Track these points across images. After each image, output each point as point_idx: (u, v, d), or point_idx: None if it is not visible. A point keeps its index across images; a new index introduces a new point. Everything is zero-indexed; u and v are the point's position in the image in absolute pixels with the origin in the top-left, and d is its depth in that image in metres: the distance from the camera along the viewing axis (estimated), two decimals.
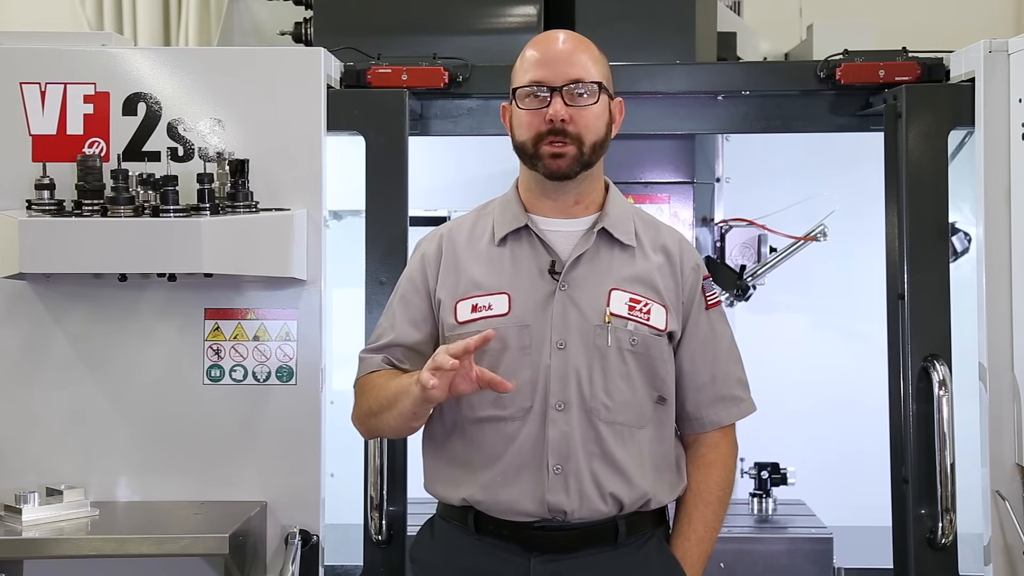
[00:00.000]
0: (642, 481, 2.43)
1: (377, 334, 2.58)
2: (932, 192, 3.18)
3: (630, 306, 2.44)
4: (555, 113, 2.39)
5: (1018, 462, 2.94)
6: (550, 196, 2.49)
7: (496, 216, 2.52)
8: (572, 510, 2.38)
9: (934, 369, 3.07)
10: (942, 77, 3.28)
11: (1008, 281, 3.00)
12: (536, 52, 2.45)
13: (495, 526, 2.42)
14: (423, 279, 2.53)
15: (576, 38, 2.49)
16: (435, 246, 2.54)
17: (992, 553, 2.97)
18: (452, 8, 3.72)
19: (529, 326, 2.41)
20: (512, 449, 2.40)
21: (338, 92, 3.23)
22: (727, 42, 3.99)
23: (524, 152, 2.45)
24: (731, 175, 4.10)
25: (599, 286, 2.44)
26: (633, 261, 2.49)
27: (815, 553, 3.40)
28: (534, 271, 2.45)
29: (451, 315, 2.45)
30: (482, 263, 2.47)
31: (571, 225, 2.49)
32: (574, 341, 2.41)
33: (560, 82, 2.40)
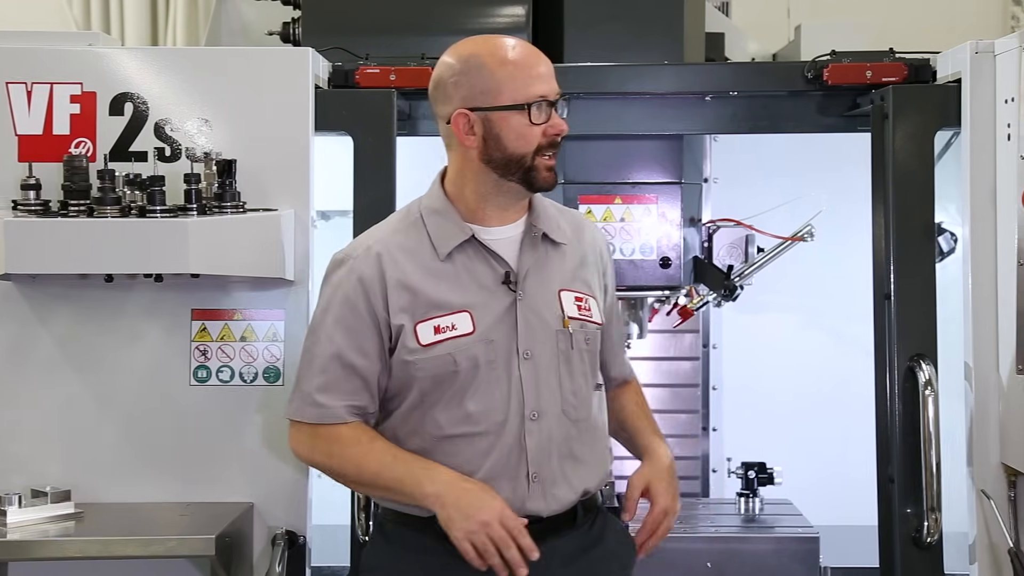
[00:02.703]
0: (598, 468, 2.51)
1: (320, 368, 2.41)
2: (918, 193, 3.19)
3: (578, 305, 2.48)
4: (562, 128, 2.41)
5: (1003, 461, 2.95)
6: (507, 206, 2.47)
7: (432, 230, 2.44)
8: (544, 512, 2.42)
9: (920, 369, 3.08)
10: (929, 78, 3.29)
11: (993, 281, 3.01)
12: (529, 62, 2.41)
13: None
14: (367, 305, 2.40)
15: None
16: (374, 270, 2.40)
17: (977, 552, 2.98)
18: (440, 8, 3.72)
19: (494, 341, 2.40)
20: (488, 462, 2.39)
21: (326, 92, 3.23)
22: (715, 43, 4.00)
23: (520, 164, 2.40)
24: (719, 175, 4.11)
25: (549, 290, 2.46)
26: (565, 258, 2.52)
27: (802, 553, 3.40)
28: (489, 284, 2.43)
29: (412, 339, 2.38)
30: (434, 280, 2.41)
31: (508, 231, 2.48)
32: (539, 349, 2.42)
33: (555, 95, 2.42)
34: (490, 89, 2.38)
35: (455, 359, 2.37)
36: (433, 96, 2.48)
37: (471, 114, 2.39)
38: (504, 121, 2.39)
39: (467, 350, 2.37)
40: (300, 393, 2.45)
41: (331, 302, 2.43)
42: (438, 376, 2.38)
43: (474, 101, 2.39)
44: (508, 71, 2.39)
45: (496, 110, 2.38)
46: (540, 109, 2.38)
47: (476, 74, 2.39)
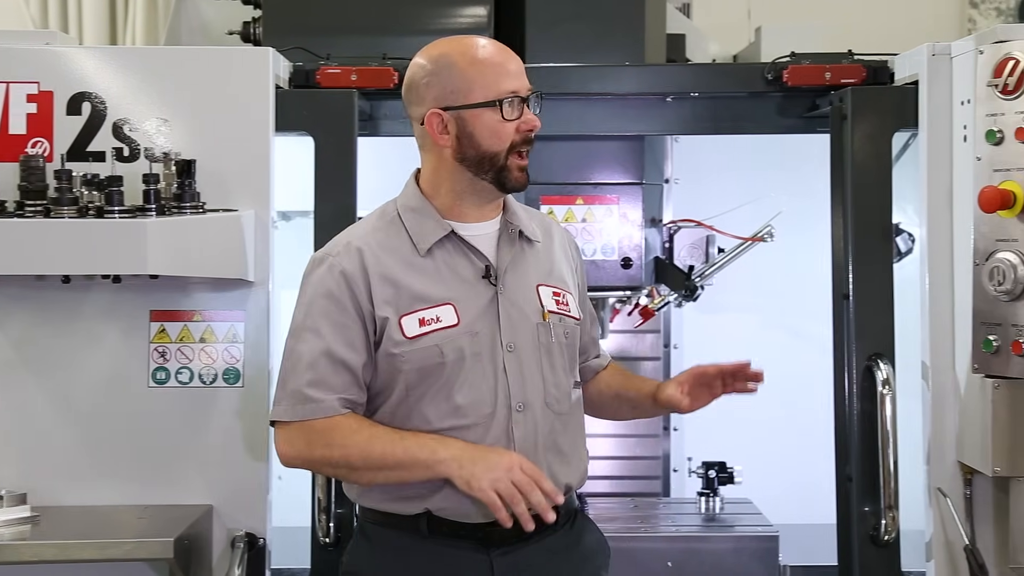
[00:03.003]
0: (579, 464, 2.54)
1: (308, 364, 2.39)
2: (877, 193, 3.21)
3: (556, 300, 2.51)
4: (534, 124, 2.43)
5: (959, 460, 2.98)
6: (482, 204, 2.49)
7: (411, 227, 2.46)
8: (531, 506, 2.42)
9: (878, 368, 3.11)
10: (887, 80, 3.32)
11: (950, 281, 3.04)
12: (499, 59, 2.43)
13: (450, 528, 2.42)
14: (352, 298, 2.40)
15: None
16: (356, 263, 2.41)
17: (934, 549, 3.01)
18: (402, 8, 3.71)
19: (478, 333, 2.42)
20: None
21: (287, 92, 3.22)
22: (676, 44, 4.02)
23: (492, 162, 2.42)
24: (680, 176, 4.12)
25: (527, 285, 2.49)
26: (540, 256, 2.55)
27: (761, 551, 3.42)
28: (469, 278, 2.45)
29: (397, 331, 2.39)
30: (416, 275, 2.42)
31: (486, 228, 2.50)
32: (522, 342, 2.44)
33: (526, 92, 2.44)
34: (461, 88, 2.41)
35: (442, 350, 2.38)
36: (406, 98, 2.50)
37: (444, 114, 2.41)
38: (477, 119, 2.41)
39: (453, 341, 2.39)
40: (288, 393, 2.40)
41: (314, 299, 2.42)
42: (424, 368, 2.38)
43: (446, 100, 2.41)
44: (478, 69, 2.41)
45: (468, 108, 2.40)
46: (512, 105, 2.40)
47: (447, 73, 2.41)
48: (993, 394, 2.81)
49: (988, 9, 5.06)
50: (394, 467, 2.36)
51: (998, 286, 2.73)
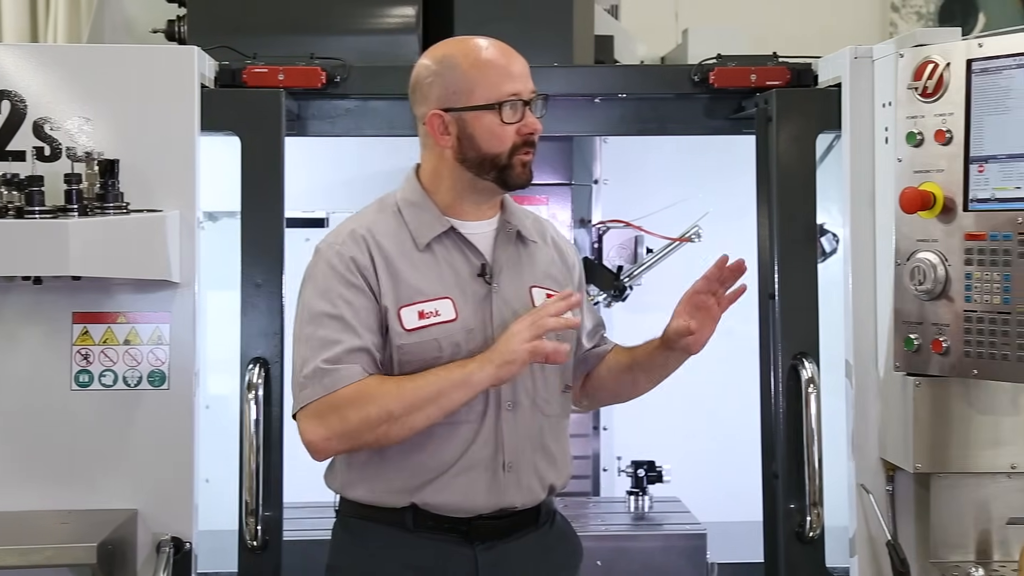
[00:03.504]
0: (564, 467, 2.56)
1: (324, 342, 2.36)
2: (801, 194, 3.25)
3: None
4: (536, 127, 2.45)
5: (882, 456, 3.02)
6: (481, 203, 2.50)
7: (411, 221, 2.47)
8: (520, 504, 2.46)
9: (803, 367, 3.15)
10: (811, 82, 3.36)
11: (873, 281, 3.08)
12: (502, 62, 2.45)
13: (436, 522, 2.43)
14: (365, 283, 2.40)
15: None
16: (363, 250, 2.42)
17: (857, 545, 3.05)
18: (329, 8, 3.69)
19: (473, 330, 2.43)
20: (468, 451, 2.41)
21: (212, 91, 3.18)
22: (604, 45, 4.04)
23: (494, 163, 2.43)
24: (608, 177, 4.15)
25: (522, 286, 2.51)
26: (536, 258, 2.57)
27: (689, 549, 3.46)
28: (466, 275, 2.46)
29: (397, 322, 2.39)
30: (417, 268, 2.43)
31: (484, 227, 2.52)
32: None
33: (529, 94, 2.45)
34: (463, 89, 2.42)
35: (440, 344, 2.39)
36: (411, 98, 2.52)
37: (445, 115, 2.43)
38: (477, 121, 2.42)
39: (451, 336, 2.40)
40: (310, 376, 2.35)
41: (329, 286, 2.40)
42: (422, 362, 2.38)
43: (448, 101, 2.43)
44: (480, 71, 2.42)
45: (469, 110, 2.42)
46: (513, 108, 2.42)
47: (450, 75, 2.43)
48: (914, 392, 2.85)
49: (909, 13, 5.16)
50: (435, 398, 2.33)
51: (919, 285, 2.78)
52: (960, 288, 2.72)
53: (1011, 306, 2.63)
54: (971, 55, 2.70)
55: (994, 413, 2.85)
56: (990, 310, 2.67)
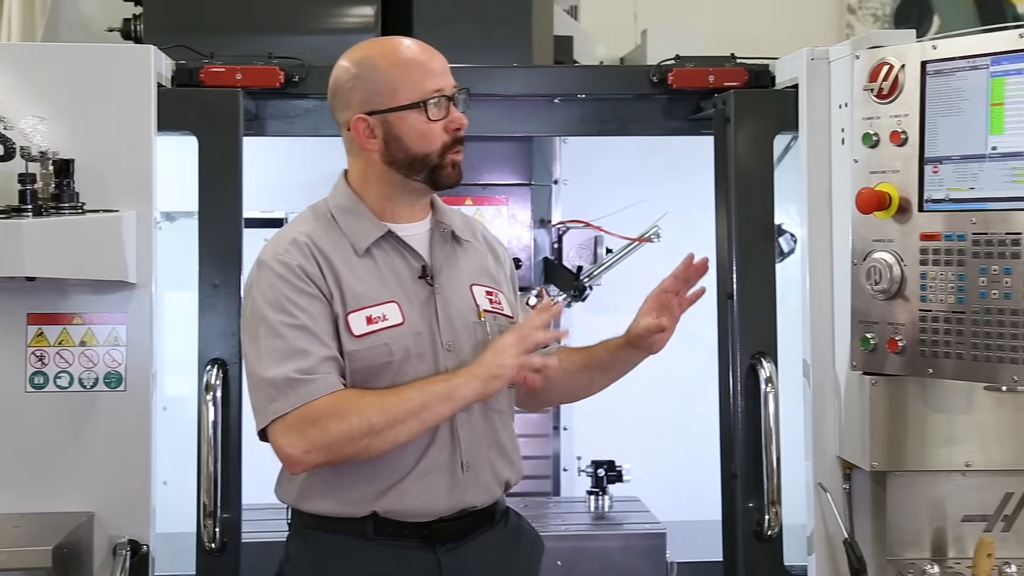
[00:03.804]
0: (518, 462, 2.57)
1: (288, 353, 2.31)
2: (759, 195, 3.27)
3: (490, 299, 2.53)
4: (462, 121, 2.44)
5: (839, 455, 3.04)
6: (413, 204, 2.49)
7: (347, 228, 2.44)
8: (480, 503, 2.46)
9: (761, 366, 3.17)
10: (768, 83, 3.38)
11: (830, 281, 3.10)
12: (422, 59, 2.43)
13: (396, 528, 2.41)
14: (316, 289, 2.36)
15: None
16: (309, 259, 2.38)
17: (815, 543, 3.07)
18: (288, 7, 3.67)
19: (420, 333, 2.41)
20: (427, 454, 2.40)
21: (169, 91, 3.16)
22: (564, 46, 4.05)
23: (425, 163, 2.42)
24: (568, 177, 4.15)
25: (462, 285, 2.50)
26: (471, 256, 2.57)
27: (649, 548, 3.47)
28: (407, 277, 2.45)
29: (346, 329, 2.37)
30: (359, 274, 2.41)
31: (419, 228, 2.51)
32: (460, 341, 2.45)
33: (451, 90, 2.43)
34: (385, 90, 2.40)
35: (391, 349, 2.37)
36: (332, 104, 2.48)
37: (370, 118, 2.41)
38: (403, 121, 2.40)
39: (400, 340, 2.38)
40: (280, 387, 2.29)
41: (279, 296, 2.35)
42: (372, 367, 2.36)
43: (371, 104, 2.41)
44: (402, 70, 2.41)
45: (393, 111, 2.40)
46: (438, 105, 2.40)
47: (370, 76, 2.41)
48: (871, 391, 2.87)
49: (865, 15, 5.20)
50: (419, 411, 2.31)
51: (875, 285, 2.80)
52: (916, 288, 2.75)
53: (965, 306, 2.66)
54: (925, 57, 2.73)
55: (949, 412, 2.87)
56: (945, 310, 2.70)
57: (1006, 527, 2.92)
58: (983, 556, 2.76)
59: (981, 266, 2.63)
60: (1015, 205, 2.58)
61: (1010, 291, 2.58)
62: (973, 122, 2.65)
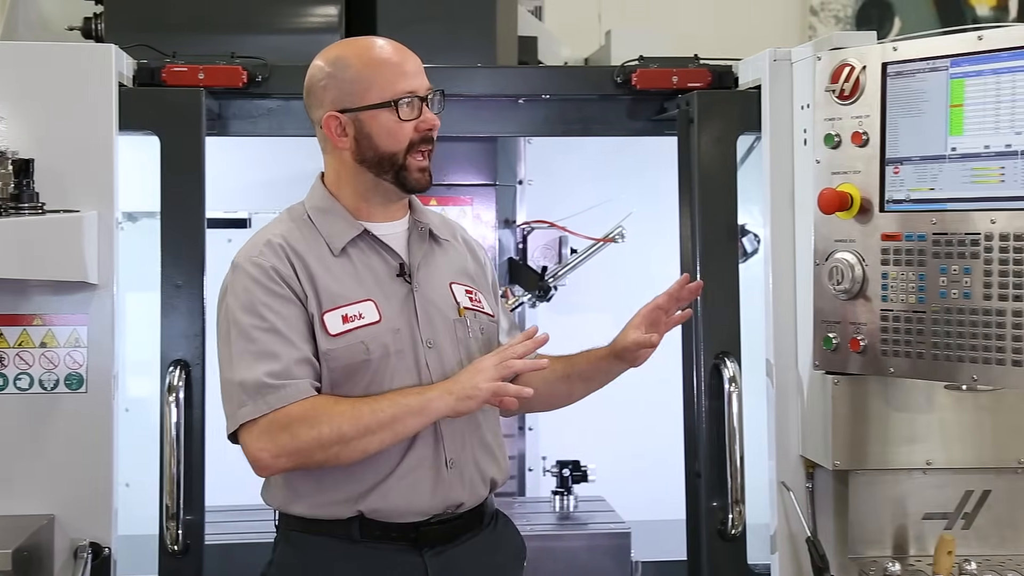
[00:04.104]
0: (503, 460, 2.57)
1: (260, 356, 2.30)
2: (722, 195, 3.28)
3: (469, 297, 2.53)
4: (434, 122, 2.44)
5: (802, 454, 3.06)
6: (388, 204, 2.49)
7: (323, 228, 2.45)
8: (465, 501, 2.45)
9: (725, 366, 3.18)
10: (731, 84, 3.40)
11: (793, 281, 3.12)
12: (396, 59, 2.44)
13: (383, 530, 2.40)
14: (291, 291, 2.36)
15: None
16: (283, 260, 2.38)
17: (778, 541, 3.08)
18: (251, 7, 3.65)
19: (399, 330, 2.41)
20: (409, 453, 2.39)
21: (131, 90, 3.14)
22: (528, 46, 4.05)
23: (392, 163, 2.42)
24: (533, 178, 4.16)
25: (441, 283, 2.51)
26: (450, 255, 2.57)
27: (614, 548, 3.48)
28: (385, 276, 2.45)
29: (321, 328, 2.36)
30: (334, 274, 2.41)
31: (396, 227, 2.52)
32: (440, 338, 2.45)
33: (425, 91, 2.44)
34: (357, 89, 2.41)
35: (368, 347, 2.37)
36: (306, 102, 2.50)
37: (341, 116, 2.42)
38: (374, 120, 2.41)
39: (378, 338, 2.38)
40: (250, 391, 2.29)
41: (253, 299, 2.35)
42: (350, 366, 2.36)
43: (343, 103, 2.42)
44: (374, 69, 2.42)
45: (364, 110, 2.41)
46: (410, 105, 2.41)
47: (343, 75, 2.42)
48: (833, 390, 2.89)
49: (827, 17, 5.24)
50: (390, 423, 2.30)
51: (837, 285, 2.82)
52: (877, 288, 2.77)
53: (926, 305, 2.68)
54: (886, 59, 2.75)
55: (910, 410, 2.90)
56: (906, 309, 2.72)
57: (966, 525, 2.95)
58: (944, 553, 2.78)
59: (941, 266, 2.66)
60: (974, 206, 2.61)
61: (969, 291, 2.60)
62: (933, 123, 2.67)
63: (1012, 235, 2.54)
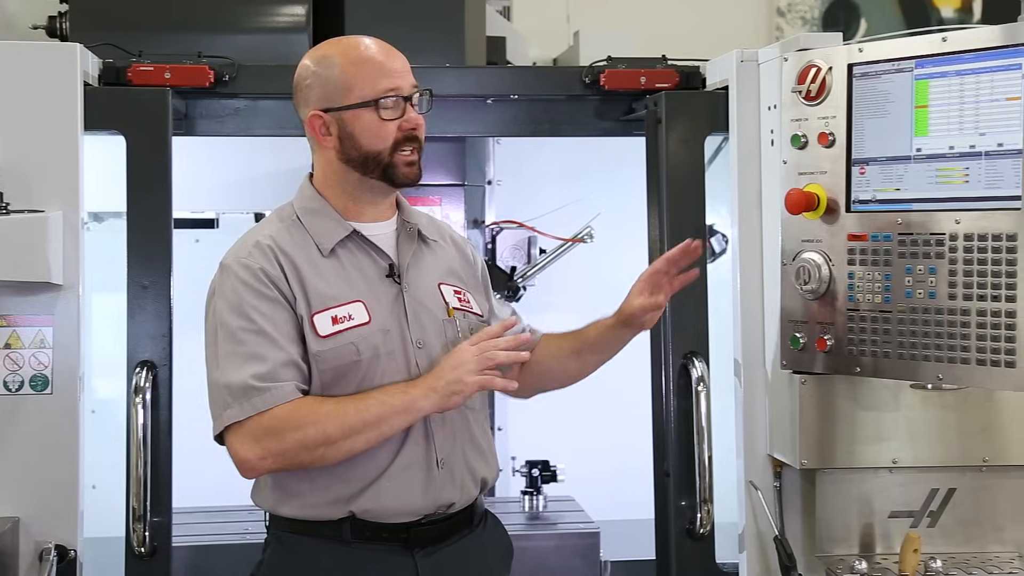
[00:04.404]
0: (493, 460, 2.56)
1: (247, 359, 2.30)
2: (691, 195, 3.29)
3: (458, 297, 2.53)
4: (417, 123, 2.43)
5: (769, 453, 3.08)
6: (376, 203, 2.49)
7: (312, 228, 2.44)
8: (456, 501, 2.44)
9: (693, 366, 3.19)
10: (699, 84, 3.40)
11: (760, 281, 3.13)
12: (380, 58, 2.43)
13: (374, 531, 2.39)
14: (279, 293, 2.36)
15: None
16: (271, 261, 2.37)
17: (746, 540, 3.09)
18: (218, 6, 3.64)
19: (389, 331, 2.40)
20: (400, 453, 2.38)
21: (96, 90, 3.12)
22: (496, 46, 4.05)
23: (377, 161, 2.42)
24: (502, 178, 4.16)
25: (430, 283, 2.50)
26: (438, 256, 2.57)
27: (583, 548, 3.48)
28: (374, 276, 2.44)
29: (311, 330, 2.36)
30: (324, 275, 2.40)
31: (385, 227, 2.51)
32: (430, 339, 2.44)
33: (409, 90, 2.44)
34: (341, 88, 2.41)
35: (358, 348, 2.36)
36: (294, 100, 2.50)
37: (325, 115, 2.42)
38: (356, 119, 2.41)
39: (368, 339, 2.37)
40: (236, 393, 2.29)
41: (242, 300, 2.34)
42: (340, 367, 2.35)
43: (327, 101, 2.42)
44: (358, 68, 2.42)
45: (348, 109, 2.41)
46: (394, 104, 2.41)
47: (328, 74, 2.42)
48: (800, 390, 2.90)
49: (794, 18, 5.26)
50: (376, 423, 2.30)
51: (804, 285, 2.83)
52: (844, 288, 2.78)
53: (892, 305, 2.70)
54: (852, 60, 2.76)
55: (877, 409, 2.91)
56: (872, 309, 2.73)
57: (932, 523, 2.97)
58: (910, 551, 2.80)
59: (907, 266, 2.67)
60: (939, 206, 2.62)
61: (935, 290, 2.62)
62: (898, 124, 2.69)
63: (976, 235, 2.56)
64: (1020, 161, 2.48)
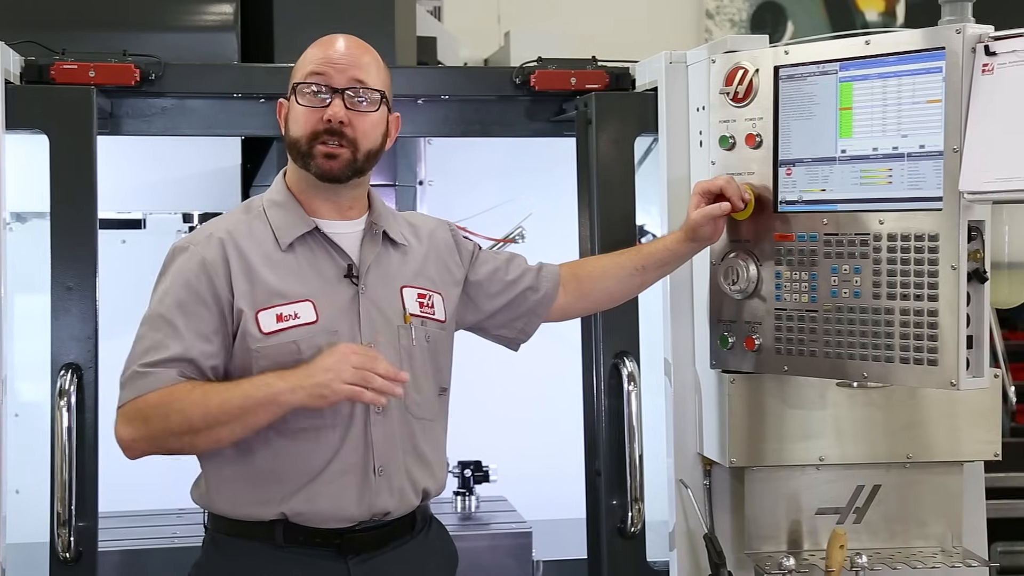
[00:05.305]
0: (439, 472, 2.53)
1: (150, 346, 2.32)
2: (621, 196, 3.30)
3: (420, 303, 2.50)
4: (334, 114, 2.38)
5: (699, 452, 3.10)
6: (329, 198, 2.46)
7: (275, 221, 2.43)
8: (393, 509, 2.41)
9: (623, 365, 3.20)
10: (629, 86, 3.42)
11: (690, 281, 3.15)
12: (320, 51, 2.43)
13: (306, 535, 2.37)
14: (209, 287, 2.34)
15: (364, 44, 2.49)
16: (217, 252, 2.36)
17: (676, 538, 3.11)
18: (144, 4, 3.60)
19: (338, 331, 2.38)
20: (337, 456, 2.36)
21: (18, 88, 3.07)
22: (427, 47, 4.05)
23: (297, 149, 2.41)
24: (433, 178, 4.16)
25: (391, 286, 2.47)
26: (408, 258, 2.54)
27: (515, 547, 3.49)
28: (331, 276, 2.42)
29: (254, 326, 2.33)
30: (276, 270, 2.38)
31: (350, 227, 2.48)
32: (382, 343, 2.41)
33: (343, 84, 2.40)
34: (294, 76, 2.44)
35: (299, 347, 2.33)
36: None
37: (285, 103, 2.46)
38: (291, 106, 2.43)
39: (311, 339, 2.34)
40: (127, 377, 2.32)
41: (170, 288, 2.36)
42: (282, 365, 2.32)
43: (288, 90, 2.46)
44: (303, 56, 2.44)
45: (288, 95, 2.44)
46: (312, 92, 2.39)
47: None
48: (729, 388, 2.92)
49: (723, 20, 5.32)
50: (238, 416, 2.27)
51: (732, 285, 2.86)
52: (771, 287, 2.81)
53: (817, 304, 2.73)
54: (778, 62, 2.79)
55: (804, 408, 2.94)
56: (799, 308, 2.76)
57: (857, 519, 3.01)
58: (836, 547, 2.83)
59: (832, 266, 2.71)
60: (864, 207, 2.66)
61: (859, 290, 2.66)
62: (824, 126, 2.72)
63: (900, 235, 2.59)
64: (941, 163, 2.52)
